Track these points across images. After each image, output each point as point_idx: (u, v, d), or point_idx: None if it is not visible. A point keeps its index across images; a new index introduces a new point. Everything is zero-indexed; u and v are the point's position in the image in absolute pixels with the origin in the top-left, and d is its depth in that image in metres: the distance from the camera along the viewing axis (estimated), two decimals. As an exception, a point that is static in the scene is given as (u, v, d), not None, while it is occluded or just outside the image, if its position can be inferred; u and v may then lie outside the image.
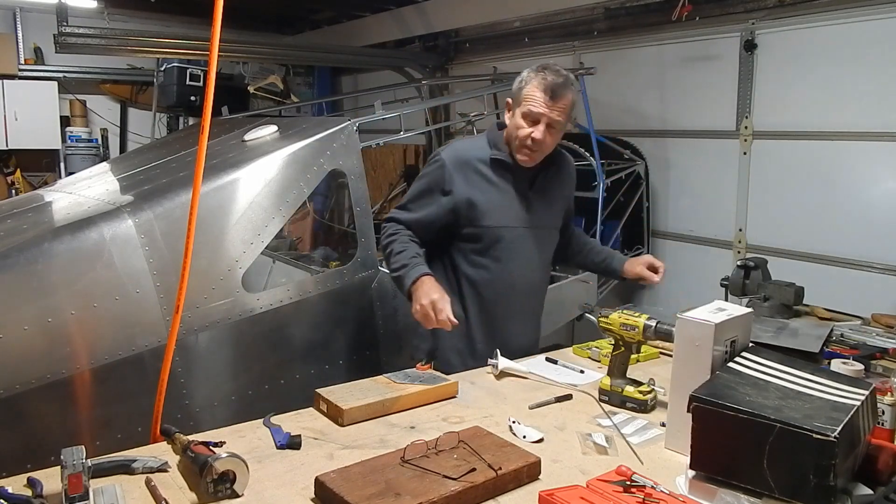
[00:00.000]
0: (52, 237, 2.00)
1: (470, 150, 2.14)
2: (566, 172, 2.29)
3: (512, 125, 2.07)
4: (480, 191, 2.07)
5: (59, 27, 4.11)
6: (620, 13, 4.66)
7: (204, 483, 1.24)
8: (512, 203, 2.11)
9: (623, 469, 1.30)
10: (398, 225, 2.10)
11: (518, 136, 2.04)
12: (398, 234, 2.07)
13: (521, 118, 2.03)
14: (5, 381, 1.77)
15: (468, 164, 2.08)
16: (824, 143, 3.72)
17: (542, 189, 2.17)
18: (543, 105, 2.00)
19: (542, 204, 2.17)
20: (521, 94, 2.04)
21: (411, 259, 1.99)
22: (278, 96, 6.83)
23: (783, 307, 2.66)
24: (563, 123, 2.06)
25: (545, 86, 1.99)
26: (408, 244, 2.04)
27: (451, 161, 2.08)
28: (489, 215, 2.08)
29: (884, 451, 1.33)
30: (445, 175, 2.07)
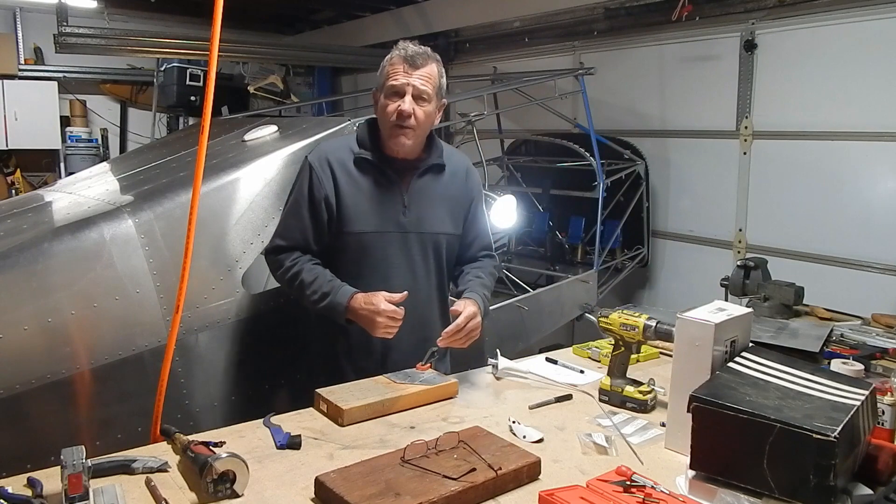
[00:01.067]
0: (52, 237, 2.00)
1: (336, 149, 1.98)
2: (458, 173, 2.06)
3: (380, 112, 1.93)
4: (346, 193, 1.92)
5: (59, 27, 4.11)
6: (620, 13, 4.66)
7: (204, 483, 1.24)
8: (382, 206, 1.94)
9: (623, 469, 1.30)
10: (292, 253, 1.93)
11: (387, 117, 1.89)
12: (298, 262, 1.91)
13: (386, 98, 1.89)
14: (5, 381, 1.76)
15: (334, 165, 1.93)
16: (824, 143, 3.72)
17: (421, 190, 1.98)
18: (404, 74, 1.87)
19: (423, 206, 1.97)
20: (382, 77, 1.92)
21: (330, 284, 1.86)
22: (278, 96, 6.83)
23: (783, 307, 2.66)
24: (432, 95, 1.91)
25: (403, 56, 1.88)
26: (316, 270, 1.89)
27: (318, 163, 1.94)
28: (357, 220, 1.92)
29: (884, 451, 1.33)
30: (314, 179, 1.92)
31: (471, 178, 2.11)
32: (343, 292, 1.84)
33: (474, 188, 2.11)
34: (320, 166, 1.94)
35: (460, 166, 2.09)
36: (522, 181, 4.97)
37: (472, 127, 3.59)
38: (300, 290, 1.89)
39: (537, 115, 4.61)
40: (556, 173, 4.55)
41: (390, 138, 1.92)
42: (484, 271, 2.09)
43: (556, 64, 5.05)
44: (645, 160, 4.41)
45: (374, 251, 1.93)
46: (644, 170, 4.39)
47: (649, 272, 4.71)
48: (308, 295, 1.87)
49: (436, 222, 2.00)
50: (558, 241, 4.59)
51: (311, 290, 1.86)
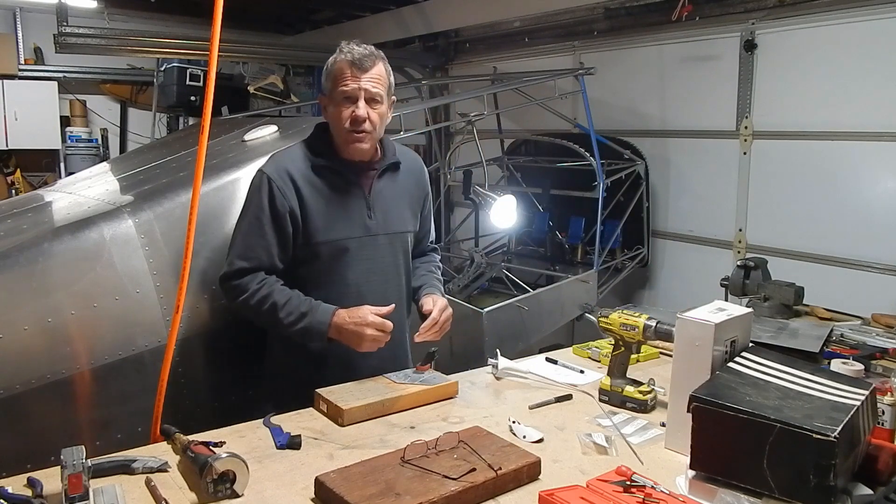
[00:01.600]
0: (52, 237, 2.00)
1: (292, 160, 1.90)
2: (413, 170, 2.06)
3: (333, 119, 1.87)
4: (311, 204, 1.85)
5: (59, 27, 4.11)
6: (620, 13, 4.66)
7: (204, 483, 1.24)
8: (348, 212, 1.90)
9: (623, 469, 1.30)
10: (257, 275, 1.82)
11: (341, 123, 1.84)
12: (265, 284, 1.81)
13: (338, 106, 1.84)
14: (5, 381, 1.76)
15: (295, 176, 1.86)
16: (824, 143, 3.72)
17: (382, 191, 1.96)
18: (353, 79, 1.81)
19: (387, 208, 1.96)
20: (330, 82, 1.86)
21: (307, 303, 1.78)
22: (278, 96, 6.83)
23: (783, 307, 2.66)
24: (384, 96, 1.87)
25: (350, 60, 1.81)
26: (286, 291, 1.81)
27: (276, 174, 1.85)
28: (325, 229, 1.86)
29: (884, 451, 1.33)
30: (276, 193, 1.83)
31: (423, 174, 2.12)
32: (323, 310, 1.77)
33: (426, 184, 2.12)
34: (281, 180, 1.84)
35: (414, 163, 2.10)
36: (522, 181, 4.97)
37: (472, 127, 3.59)
38: (271, 313, 1.78)
39: (537, 115, 4.62)
40: (556, 173, 4.55)
41: (347, 144, 1.87)
42: (434, 265, 2.15)
43: (556, 64, 5.05)
44: (645, 160, 4.41)
45: (345, 258, 1.90)
46: (644, 170, 4.39)
47: (649, 272, 4.71)
48: (282, 318, 1.77)
49: (400, 221, 2.00)
50: (558, 241, 4.60)
51: (286, 311, 1.77)
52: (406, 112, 3.30)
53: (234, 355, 2.22)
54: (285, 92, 6.92)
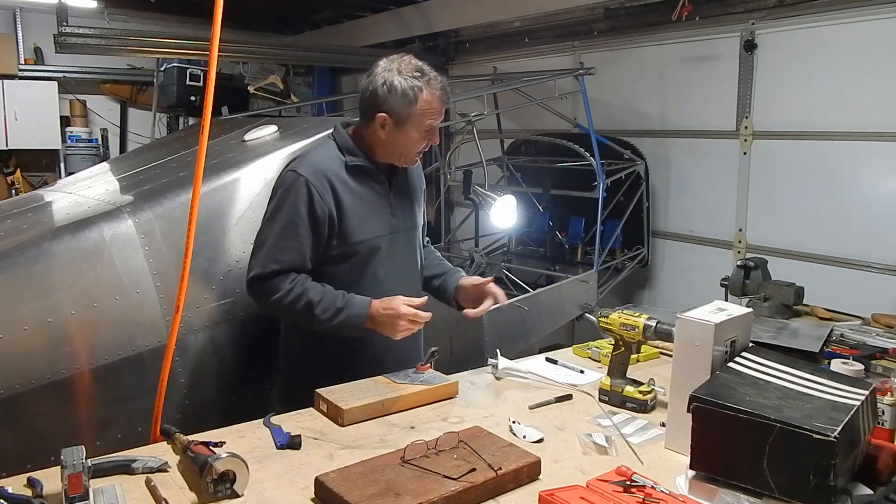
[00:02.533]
0: (52, 237, 2.00)
1: (326, 161, 1.90)
2: (417, 167, 2.10)
3: (402, 140, 1.87)
4: (347, 205, 1.87)
5: (59, 27, 4.11)
6: (620, 13, 4.66)
7: (204, 483, 1.24)
8: (377, 211, 1.94)
9: (623, 469, 1.30)
10: (288, 275, 1.82)
11: (413, 150, 1.90)
12: (298, 283, 1.82)
13: (419, 133, 1.86)
14: (5, 381, 1.76)
15: (331, 178, 1.86)
16: (824, 143, 3.72)
17: (400, 189, 2.01)
18: (440, 115, 1.87)
19: (405, 204, 2.02)
20: (415, 111, 1.82)
21: (342, 298, 1.81)
22: (278, 96, 6.83)
23: (783, 307, 2.66)
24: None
25: (442, 96, 1.85)
26: (319, 287, 1.82)
27: (314, 177, 1.84)
28: (359, 229, 1.89)
29: (884, 451, 1.33)
30: (313, 194, 1.82)
31: (420, 169, 2.16)
32: (358, 303, 1.81)
33: (422, 178, 2.17)
34: (319, 182, 1.84)
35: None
36: (522, 181, 4.97)
37: (472, 127, 3.59)
38: (307, 310, 1.80)
39: (537, 115, 4.62)
40: (556, 173, 4.54)
41: (407, 162, 1.95)
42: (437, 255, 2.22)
43: (556, 64, 5.05)
44: (645, 160, 4.41)
45: (373, 256, 1.94)
46: (644, 170, 4.39)
47: (649, 272, 4.71)
48: (318, 314, 1.79)
49: (414, 217, 2.06)
50: (558, 241, 4.59)
51: (322, 308, 1.79)
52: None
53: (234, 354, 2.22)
54: (285, 92, 6.92)
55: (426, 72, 1.85)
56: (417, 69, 1.84)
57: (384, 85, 1.82)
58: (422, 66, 1.86)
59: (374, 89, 1.84)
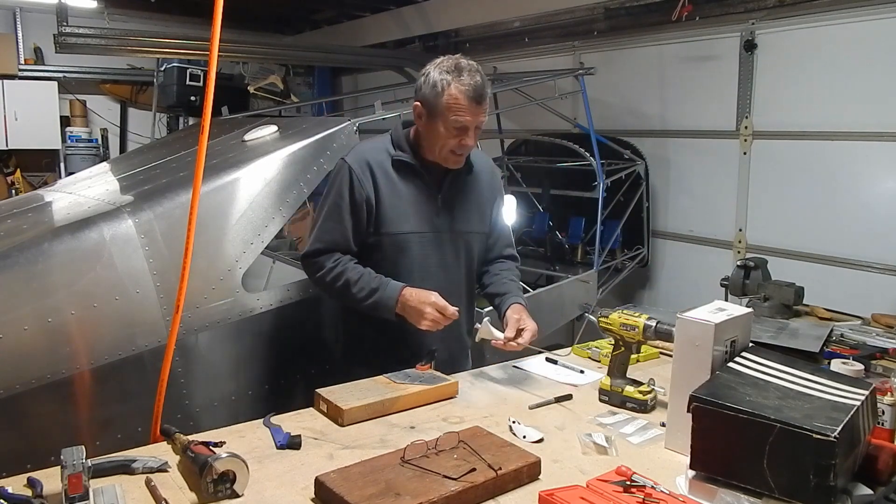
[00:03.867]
0: (52, 237, 2.00)
1: (372, 151, 2.00)
2: (483, 173, 2.12)
3: (433, 135, 1.92)
4: (384, 195, 1.95)
5: (59, 27, 4.11)
6: (620, 13, 4.66)
7: (204, 483, 1.24)
8: (419, 208, 1.97)
9: (623, 469, 1.30)
10: (332, 254, 1.95)
11: (447, 146, 1.91)
12: (340, 262, 1.93)
13: (447, 129, 1.88)
14: (5, 381, 1.76)
15: (374, 168, 1.95)
16: (824, 143, 3.72)
17: (453, 192, 2.02)
18: (471, 114, 1.87)
19: (455, 207, 2.02)
20: (441, 103, 1.86)
21: (377, 281, 1.89)
22: (278, 96, 6.83)
23: (783, 307, 2.66)
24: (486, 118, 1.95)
25: (470, 94, 1.85)
26: (359, 269, 1.92)
27: (357, 164, 1.95)
28: (395, 221, 1.95)
29: (884, 451, 1.33)
30: (355, 182, 1.94)
31: (495, 177, 2.18)
32: (392, 286, 1.88)
33: (497, 186, 2.19)
34: (360, 169, 1.95)
35: (485, 165, 2.16)
36: (522, 181, 4.97)
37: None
38: (345, 288, 1.91)
39: (537, 115, 4.62)
40: (556, 173, 4.55)
41: (446, 162, 1.96)
42: (513, 273, 2.18)
43: (556, 64, 5.05)
44: (645, 160, 4.41)
45: (410, 251, 1.98)
46: (644, 170, 4.39)
47: (649, 272, 4.71)
48: (355, 293, 1.90)
49: (467, 222, 2.06)
50: (558, 241, 4.59)
51: (358, 287, 1.89)
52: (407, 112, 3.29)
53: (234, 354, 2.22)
54: (285, 92, 6.92)
55: (462, 68, 1.87)
56: (455, 65, 1.88)
57: (423, 75, 1.91)
58: (460, 64, 1.88)
59: (418, 79, 1.94)
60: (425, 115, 1.92)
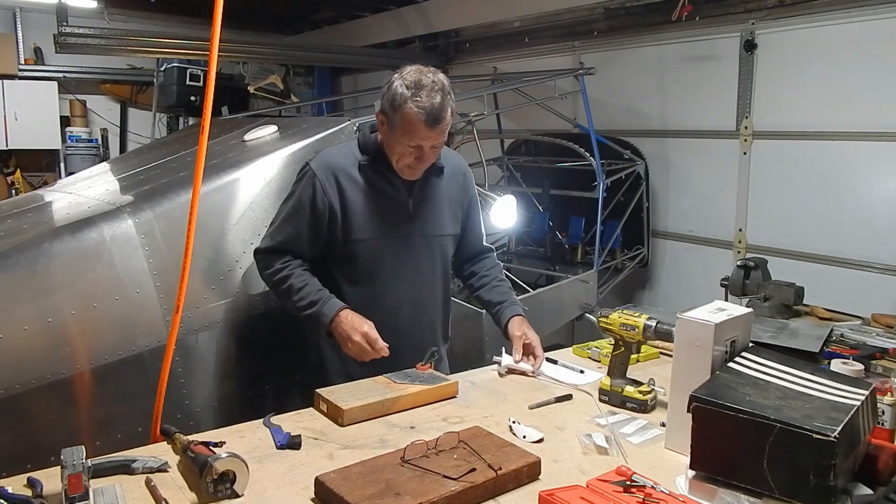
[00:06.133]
0: (52, 237, 2.00)
1: (339, 156, 1.97)
2: (456, 173, 2.09)
3: (390, 146, 1.89)
4: (351, 201, 1.92)
5: (59, 27, 4.11)
6: (620, 13, 4.66)
7: (204, 483, 1.24)
8: (388, 212, 1.95)
9: (623, 469, 1.30)
10: (283, 256, 1.93)
11: (402, 160, 1.89)
12: (288, 266, 1.92)
13: (402, 145, 1.85)
14: (5, 381, 1.76)
15: (338, 174, 1.92)
16: (824, 143, 3.71)
17: (424, 195, 1.99)
18: (424, 136, 1.82)
19: (427, 211, 2.00)
20: (397, 119, 1.82)
21: (319, 293, 1.87)
22: (278, 96, 6.83)
23: (783, 307, 2.66)
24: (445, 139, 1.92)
25: (422, 117, 1.78)
26: (307, 278, 1.91)
27: (321, 170, 1.92)
28: (364, 227, 1.92)
29: (884, 451, 1.33)
30: (317, 186, 1.91)
31: (467, 177, 2.14)
32: (331, 305, 1.86)
33: (471, 187, 2.15)
34: (324, 175, 1.92)
35: (458, 167, 2.12)
36: (522, 181, 4.97)
37: (472, 127, 3.59)
38: (286, 293, 1.92)
39: (537, 115, 4.61)
40: (556, 173, 4.55)
41: (402, 174, 1.93)
42: (499, 269, 2.21)
43: (556, 64, 5.05)
44: (645, 160, 4.41)
45: (382, 256, 1.95)
46: (644, 170, 4.39)
47: (649, 272, 4.71)
48: (295, 301, 1.89)
49: (439, 224, 2.03)
50: (558, 241, 4.59)
51: (299, 296, 1.89)
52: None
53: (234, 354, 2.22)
54: (285, 92, 6.91)
55: (423, 86, 1.80)
56: (416, 81, 1.81)
57: (388, 83, 1.86)
58: (422, 80, 1.81)
59: (384, 86, 1.88)
60: (385, 125, 1.88)
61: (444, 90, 1.83)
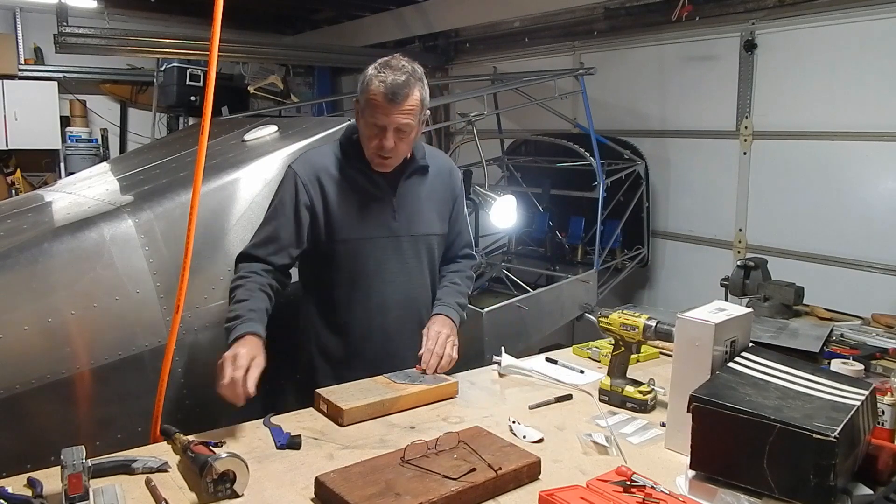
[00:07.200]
0: (52, 237, 2.00)
1: (321, 157, 1.95)
2: (442, 172, 2.06)
3: (361, 131, 1.88)
4: (334, 201, 1.89)
5: (59, 27, 4.11)
6: (620, 13, 4.66)
7: (204, 483, 1.25)
8: (373, 212, 1.92)
9: (623, 469, 1.30)
10: (253, 264, 1.86)
11: (368, 145, 1.86)
12: (247, 278, 1.82)
13: (367, 127, 1.83)
14: (5, 381, 1.76)
15: (321, 175, 1.90)
16: (824, 143, 3.72)
17: (409, 194, 1.97)
18: (385, 113, 1.78)
19: (413, 210, 1.97)
20: (363, 99, 1.82)
21: (247, 312, 1.73)
22: (278, 96, 6.83)
23: (783, 307, 2.66)
24: (415, 124, 1.84)
25: (384, 89, 1.76)
26: (253, 293, 1.78)
27: (303, 171, 1.90)
28: (348, 228, 1.90)
29: (884, 451, 1.33)
30: (298, 187, 1.88)
31: (454, 177, 2.11)
32: (240, 328, 1.68)
33: (457, 186, 2.12)
34: (306, 176, 1.90)
35: (443, 166, 2.10)
36: (522, 181, 4.97)
37: (472, 127, 3.59)
38: (230, 301, 1.81)
39: (537, 115, 4.61)
40: (556, 173, 4.55)
41: (373, 164, 1.89)
42: (460, 276, 2.12)
43: (556, 64, 5.05)
44: (645, 160, 4.41)
45: (367, 257, 1.93)
46: (644, 170, 4.39)
47: (649, 272, 4.71)
48: (229, 310, 1.77)
49: (425, 224, 2.01)
50: (558, 241, 4.59)
51: (233, 306, 1.76)
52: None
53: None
54: (285, 92, 6.91)
55: (390, 66, 1.79)
56: (386, 62, 1.81)
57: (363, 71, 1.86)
58: (391, 61, 1.81)
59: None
60: (357, 111, 1.88)
61: (414, 74, 1.81)
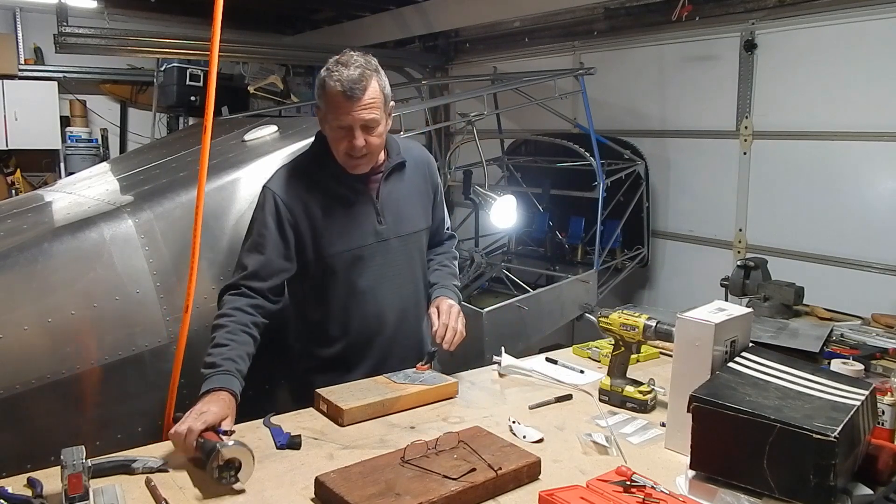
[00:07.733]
0: (52, 237, 2.00)
1: (296, 172, 1.88)
2: (419, 165, 2.01)
3: (330, 139, 1.82)
4: (317, 217, 1.83)
5: (59, 27, 4.11)
6: (620, 13, 4.66)
7: (210, 468, 1.26)
8: (358, 220, 1.87)
9: (623, 469, 1.30)
10: (239, 299, 1.76)
11: (338, 150, 1.80)
12: (230, 316, 1.72)
13: (334, 132, 1.77)
14: (5, 381, 1.76)
15: (299, 189, 1.84)
16: (824, 143, 3.72)
17: (390, 195, 1.92)
18: (346, 111, 1.72)
19: (397, 211, 1.92)
20: (323, 102, 1.77)
21: (225, 362, 1.63)
22: (278, 96, 6.83)
23: (783, 307, 2.66)
24: (380, 117, 1.78)
25: (341, 87, 1.70)
26: (235, 337, 1.68)
27: (281, 190, 1.83)
28: (335, 241, 1.84)
29: (884, 451, 1.33)
30: (279, 206, 1.81)
31: (431, 166, 2.07)
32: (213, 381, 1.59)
33: (435, 174, 2.08)
34: (286, 195, 1.83)
35: (419, 157, 2.04)
36: (522, 181, 4.97)
37: (472, 127, 3.59)
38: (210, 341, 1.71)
39: (537, 115, 4.61)
40: (556, 173, 4.55)
41: (347, 166, 1.83)
42: (447, 257, 2.13)
43: (556, 64, 5.05)
44: (645, 160, 4.41)
45: (358, 266, 1.88)
46: (644, 170, 4.39)
47: (649, 272, 4.71)
48: (207, 352, 1.68)
49: (411, 221, 1.97)
50: (558, 241, 4.60)
51: (211, 350, 1.67)
52: (406, 112, 3.30)
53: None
54: (285, 92, 6.91)
55: (342, 62, 1.74)
56: (338, 59, 1.75)
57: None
58: (342, 58, 1.75)
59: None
60: (320, 117, 1.82)
61: (368, 66, 1.76)
